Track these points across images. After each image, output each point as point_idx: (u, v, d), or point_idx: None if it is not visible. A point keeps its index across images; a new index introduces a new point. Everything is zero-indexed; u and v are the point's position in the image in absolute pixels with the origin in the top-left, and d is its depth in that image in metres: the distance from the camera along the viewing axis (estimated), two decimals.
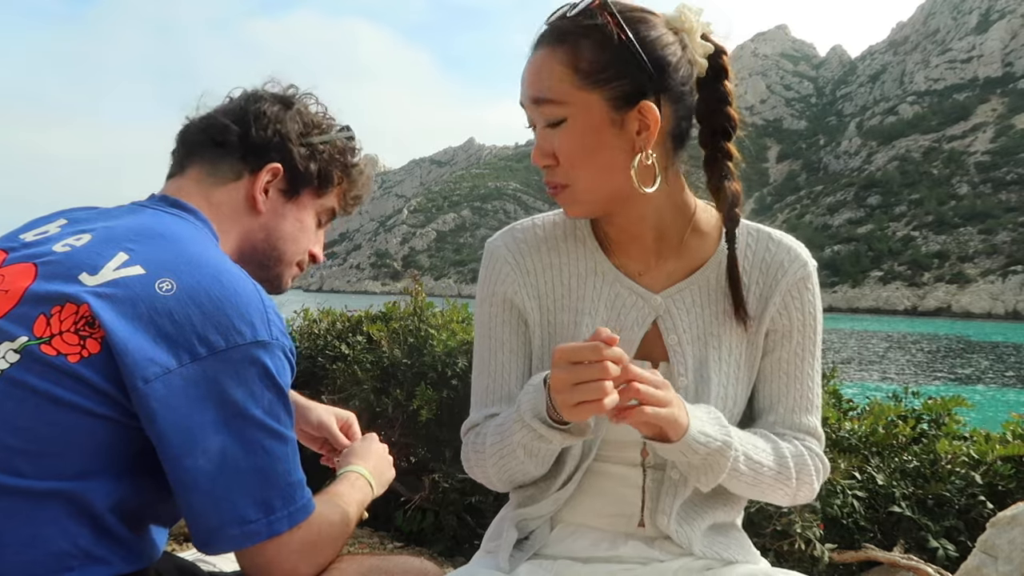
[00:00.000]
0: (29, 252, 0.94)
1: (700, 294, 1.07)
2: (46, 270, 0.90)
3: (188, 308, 0.88)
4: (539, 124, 0.99)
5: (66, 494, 0.83)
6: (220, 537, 0.90)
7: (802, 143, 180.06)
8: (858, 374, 24.21)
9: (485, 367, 1.11)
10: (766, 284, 1.07)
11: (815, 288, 1.09)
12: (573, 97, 0.95)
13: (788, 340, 1.07)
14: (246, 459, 0.89)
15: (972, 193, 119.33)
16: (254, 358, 0.90)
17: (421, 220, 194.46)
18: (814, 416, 1.08)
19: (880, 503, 2.27)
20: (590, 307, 1.08)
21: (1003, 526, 1.80)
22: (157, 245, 0.94)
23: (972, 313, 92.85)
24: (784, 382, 1.08)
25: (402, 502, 2.92)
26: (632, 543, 1.07)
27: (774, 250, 1.08)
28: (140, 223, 0.99)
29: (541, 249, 1.10)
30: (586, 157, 0.97)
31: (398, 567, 1.05)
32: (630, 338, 1.06)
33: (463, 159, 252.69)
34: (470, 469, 1.12)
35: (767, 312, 1.07)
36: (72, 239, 0.95)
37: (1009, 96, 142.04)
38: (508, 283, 1.09)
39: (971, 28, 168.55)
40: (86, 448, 0.85)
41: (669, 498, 1.05)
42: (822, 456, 1.07)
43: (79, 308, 0.86)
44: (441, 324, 3.05)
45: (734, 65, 1.06)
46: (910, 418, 2.52)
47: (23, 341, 0.84)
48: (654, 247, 1.07)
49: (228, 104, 1.16)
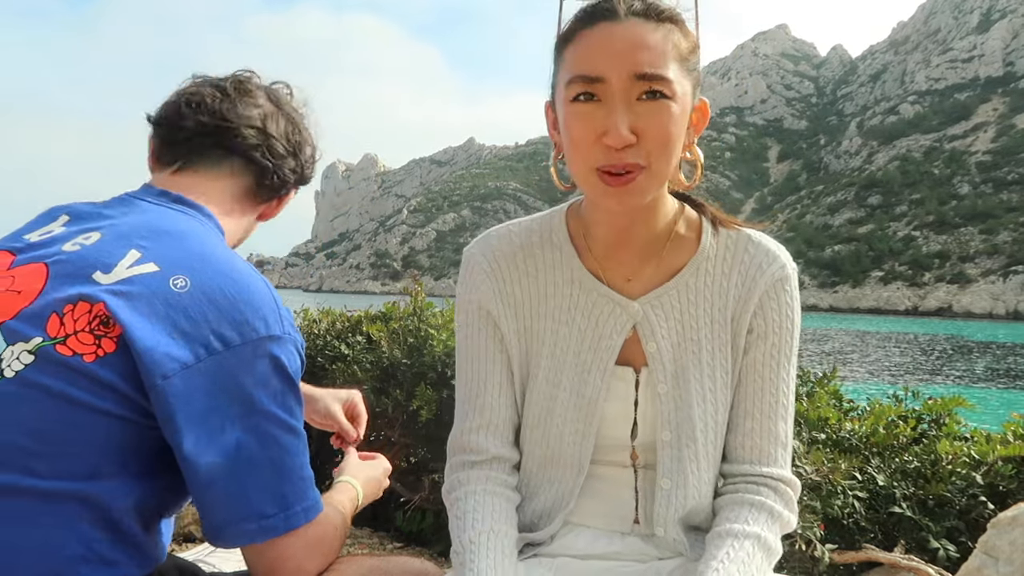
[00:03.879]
0: (38, 253, 0.93)
1: (679, 298, 1.06)
2: (58, 270, 0.90)
3: (203, 305, 0.89)
4: (629, 98, 0.91)
5: (81, 495, 0.83)
6: (236, 531, 0.90)
7: (803, 143, 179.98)
8: (858, 374, 24.20)
9: (463, 374, 1.11)
10: (744, 286, 1.05)
11: (793, 291, 1.07)
12: (677, 77, 0.92)
13: (763, 341, 1.05)
14: (261, 453, 0.90)
15: (973, 193, 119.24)
16: (268, 353, 0.91)
17: (421, 220, 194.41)
18: (785, 426, 1.06)
19: (881, 504, 2.27)
20: (567, 316, 1.07)
21: (1004, 527, 1.79)
22: (168, 242, 0.95)
23: (973, 313, 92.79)
24: (759, 385, 1.05)
25: (402, 502, 2.91)
26: (629, 540, 1.08)
27: (752, 252, 1.06)
28: (148, 220, 0.99)
29: (517, 257, 1.09)
30: (674, 141, 0.94)
31: (398, 567, 1.05)
32: (609, 346, 1.05)
33: (463, 159, 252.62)
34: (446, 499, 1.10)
35: (746, 313, 1.05)
36: (80, 238, 0.95)
37: (1010, 96, 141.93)
38: (483, 291, 1.08)
39: (972, 27, 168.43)
40: (102, 448, 0.85)
41: (662, 505, 1.05)
42: (788, 479, 1.05)
43: (93, 307, 0.86)
44: (441, 324, 3.05)
45: (734, 65, 1.07)
46: (911, 418, 2.52)
47: (38, 342, 0.84)
48: (639, 252, 1.06)
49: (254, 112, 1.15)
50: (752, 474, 1.05)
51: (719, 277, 1.06)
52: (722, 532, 1.00)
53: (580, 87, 0.92)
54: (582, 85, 0.92)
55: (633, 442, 1.06)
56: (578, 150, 0.94)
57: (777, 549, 1.01)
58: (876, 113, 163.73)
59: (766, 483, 1.04)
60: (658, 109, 0.91)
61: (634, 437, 1.06)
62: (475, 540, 0.98)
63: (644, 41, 0.90)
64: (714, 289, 1.06)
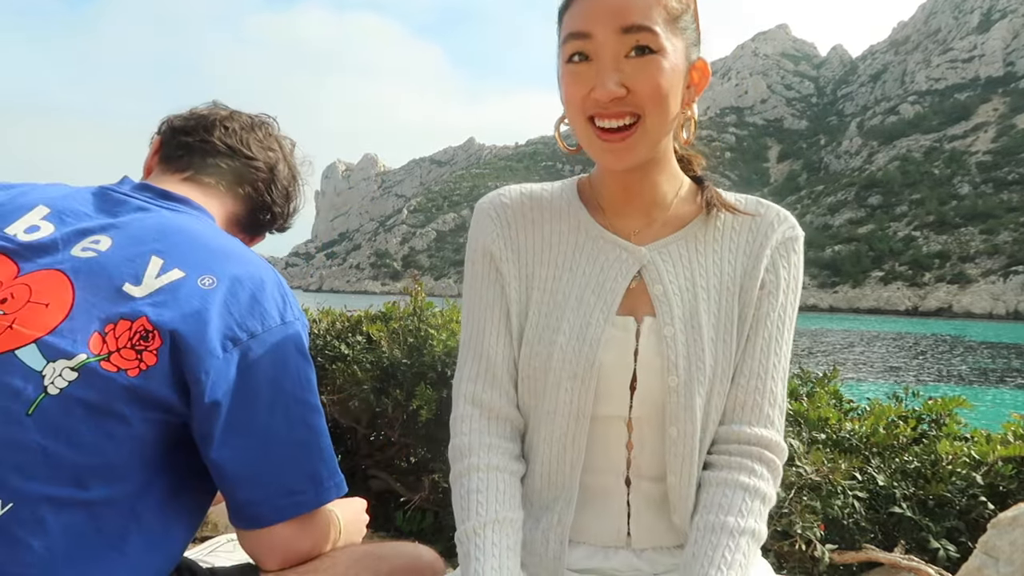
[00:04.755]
0: (45, 260, 0.93)
1: (687, 248, 1.07)
2: (84, 282, 0.91)
3: (228, 300, 0.94)
4: (617, 54, 0.95)
5: (120, 501, 0.87)
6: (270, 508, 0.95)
7: (803, 143, 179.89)
8: (858, 374, 24.20)
9: (465, 318, 1.13)
10: (756, 241, 1.07)
11: (800, 255, 1.09)
12: (665, 33, 0.95)
13: (773, 297, 1.06)
14: (291, 434, 0.95)
15: (973, 193, 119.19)
16: (286, 338, 0.97)
17: (421, 220, 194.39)
18: (779, 387, 1.05)
19: (881, 504, 2.27)
20: (570, 262, 1.08)
21: (1004, 527, 1.79)
22: (181, 243, 0.99)
23: (973, 313, 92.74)
24: (763, 342, 1.05)
25: (402, 502, 2.91)
26: (622, 555, 1.07)
27: (763, 211, 1.09)
28: (158, 223, 1.02)
29: (525, 206, 1.12)
30: (667, 95, 0.96)
31: (393, 552, 1.06)
32: (614, 289, 1.05)
33: (463, 159, 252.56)
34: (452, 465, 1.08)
35: (757, 268, 1.06)
36: (88, 242, 0.96)
37: (1011, 96, 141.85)
38: (488, 235, 1.10)
39: (972, 27, 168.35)
40: (145, 458, 0.88)
41: (651, 516, 1.05)
42: (778, 445, 1.04)
43: (133, 324, 0.89)
44: (441, 324, 3.05)
45: (734, 65, 1.07)
46: (911, 419, 2.52)
47: (82, 359, 0.86)
48: (646, 209, 1.08)
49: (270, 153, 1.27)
50: (743, 440, 1.03)
51: (728, 231, 1.07)
52: (716, 526, 0.98)
53: (572, 47, 0.97)
54: (573, 44, 0.96)
55: (632, 395, 1.03)
56: (572, 107, 0.99)
57: (765, 533, 1.01)
58: (876, 113, 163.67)
59: (759, 454, 1.03)
60: (646, 64, 0.94)
61: (633, 390, 1.03)
62: (480, 532, 0.97)
63: None
64: (723, 242, 1.07)
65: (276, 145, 1.29)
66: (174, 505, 0.93)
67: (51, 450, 0.82)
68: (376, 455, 3.11)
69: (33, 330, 0.86)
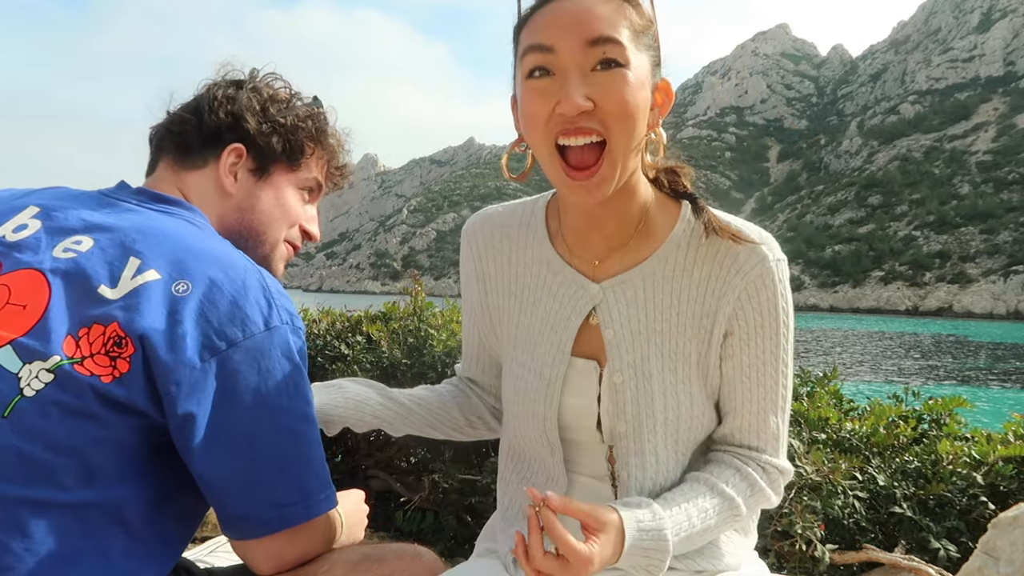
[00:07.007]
0: (25, 258, 0.92)
1: (644, 286, 1.02)
2: (61, 284, 0.90)
3: (204, 306, 0.90)
4: (583, 68, 0.90)
5: (104, 504, 0.85)
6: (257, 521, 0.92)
7: (803, 143, 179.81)
8: (858, 374, 24.19)
9: (464, 326, 1.24)
10: (719, 279, 1.00)
11: (777, 286, 1.00)
12: (631, 46, 0.91)
13: (747, 344, 1.01)
14: (276, 445, 0.92)
15: (973, 193, 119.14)
16: (271, 344, 0.92)
17: (421, 220, 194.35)
18: (778, 419, 1.03)
19: (881, 504, 2.27)
20: (533, 295, 1.09)
21: (1005, 527, 1.79)
22: (162, 245, 0.95)
23: (973, 313, 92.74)
24: (747, 387, 1.02)
25: (402, 502, 2.91)
26: None
27: (728, 246, 1.00)
28: (137, 223, 0.99)
29: (495, 236, 1.12)
30: (634, 111, 0.91)
31: (392, 553, 1.05)
32: (568, 327, 1.05)
33: (463, 159, 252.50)
34: None
35: (720, 310, 1.00)
36: (70, 242, 0.94)
37: (1011, 95, 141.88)
38: (466, 260, 1.16)
39: (973, 27, 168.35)
40: (122, 460, 0.87)
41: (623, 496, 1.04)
42: (779, 465, 1.04)
43: (107, 329, 0.87)
44: (441, 324, 3.05)
45: (734, 64, 1.06)
46: (911, 418, 2.51)
47: (56, 360, 0.85)
48: (608, 238, 1.04)
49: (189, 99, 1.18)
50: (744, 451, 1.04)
51: (688, 267, 1.01)
52: (699, 478, 1.00)
53: (533, 60, 0.91)
54: (534, 58, 0.91)
55: (601, 432, 1.05)
56: (535, 126, 0.93)
57: (744, 512, 1.00)
58: (876, 113, 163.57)
59: (760, 463, 1.03)
60: (612, 78, 0.89)
61: (600, 430, 1.05)
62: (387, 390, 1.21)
63: (593, 11, 0.90)
64: (682, 280, 1.01)
65: (207, 83, 1.17)
66: (165, 511, 0.91)
67: (27, 452, 0.81)
68: (376, 455, 3.11)
69: (10, 331, 0.85)
